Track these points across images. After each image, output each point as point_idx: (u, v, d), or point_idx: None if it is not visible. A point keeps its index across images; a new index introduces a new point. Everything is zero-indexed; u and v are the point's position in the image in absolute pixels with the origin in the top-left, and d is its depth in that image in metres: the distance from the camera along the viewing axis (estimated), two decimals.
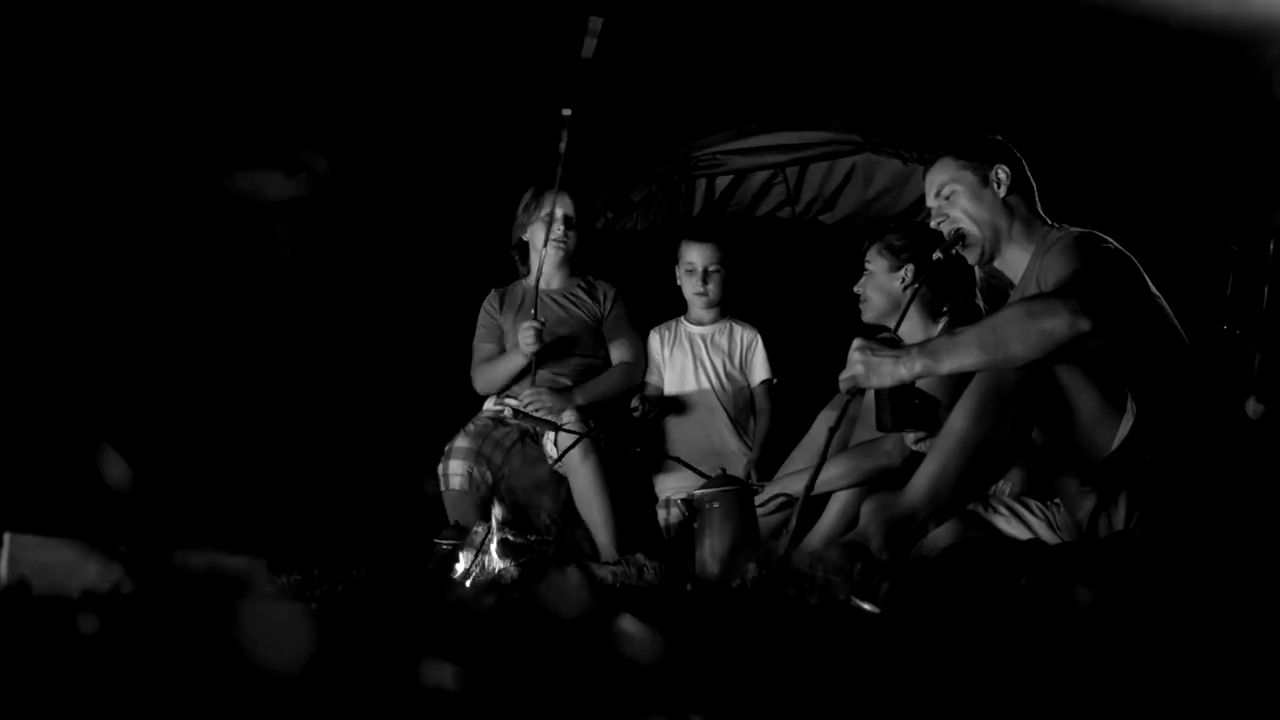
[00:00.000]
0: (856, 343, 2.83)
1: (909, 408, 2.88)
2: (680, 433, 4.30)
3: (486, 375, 4.27)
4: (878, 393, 2.88)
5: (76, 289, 4.22)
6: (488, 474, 4.03)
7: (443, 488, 4.05)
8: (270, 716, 1.17)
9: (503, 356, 4.24)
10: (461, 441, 4.09)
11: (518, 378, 4.18)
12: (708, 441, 4.27)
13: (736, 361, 4.37)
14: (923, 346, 2.77)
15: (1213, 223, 4.47)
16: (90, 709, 1.20)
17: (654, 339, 4.45)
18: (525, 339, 4.04)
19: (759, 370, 4.37)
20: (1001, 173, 3.10)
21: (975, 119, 3.86)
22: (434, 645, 1.25)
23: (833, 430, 2.92)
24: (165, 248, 4.35)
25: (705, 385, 4.33)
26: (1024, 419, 2.74)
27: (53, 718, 1.19)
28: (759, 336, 4.39)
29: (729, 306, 4.45)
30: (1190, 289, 3.72)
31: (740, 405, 4.34)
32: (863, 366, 2.78)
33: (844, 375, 2.82)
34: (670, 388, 4.38)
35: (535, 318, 4.06)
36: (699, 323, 4.43)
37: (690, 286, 4.38)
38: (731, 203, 5.05)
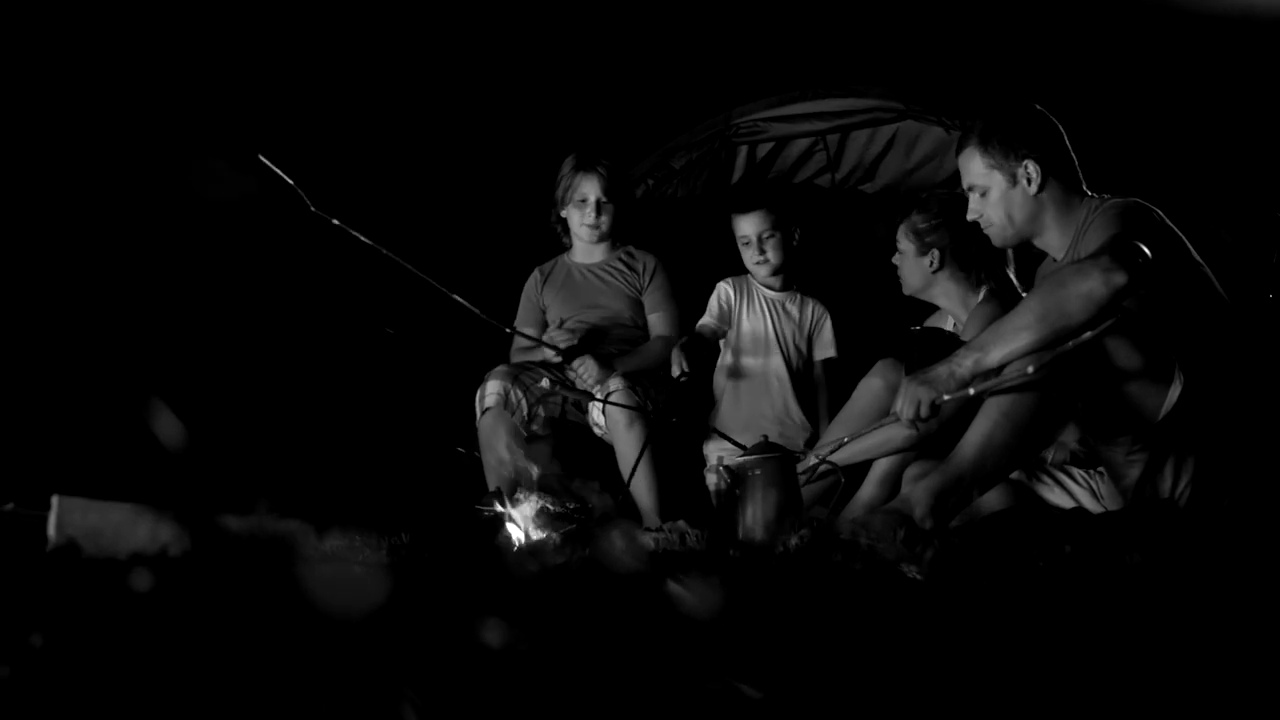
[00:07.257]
0: (904, 381, 2.91)
1: (936, 350, 2.96)
2: (745, 396, 4.28)
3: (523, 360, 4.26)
4: (907, 336, 2.92)
5: (128, 253, 4.25)
6: (523, 399, 4.02)
7: (478, 414, 4.01)
8: (325, 676, 1.18)
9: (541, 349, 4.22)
10: (498, 369, 4.09)
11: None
12: (771, 409, 4.25)
13: (805, 333, 4.35)
14: (970, 344, 2.84)
15: (1258, 193, 4.42)
16: (138, 671, 1.21)
17: (726, 289, 4.38)
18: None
19: (825, 347, 4.34)
20: (1031, 169, 3.06)
21: (1018, 87, 3.81)
22: (489, 605, 1.26)
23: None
24: (215, 216, 4.38)
25: (776, 351, 4.29)
26: (1070, 388, 2.74)
27: (100, 678, 1.21)
28: (828, 314, 4.37)
29: (794, 278, 4.42)
30: (1240, 253, 3.69)
31: (803, 377, 4.32)
32: (923, 387, 2.82)
33: (906, 413, 2.84)
34: (745, 348, 4.34)
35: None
36: (769, 288, 4.40)
37: (750, 257, 4.32)
38: (772, 170, 5.02)
